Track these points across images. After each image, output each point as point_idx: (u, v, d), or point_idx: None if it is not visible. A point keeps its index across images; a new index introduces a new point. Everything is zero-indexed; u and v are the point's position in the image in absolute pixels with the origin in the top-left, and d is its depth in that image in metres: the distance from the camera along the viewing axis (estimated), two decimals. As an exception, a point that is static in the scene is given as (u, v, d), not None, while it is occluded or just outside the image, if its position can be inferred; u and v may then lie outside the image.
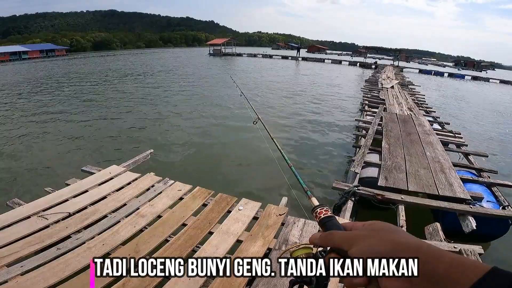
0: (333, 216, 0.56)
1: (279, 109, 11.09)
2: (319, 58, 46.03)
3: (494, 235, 3.54)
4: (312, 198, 0.71)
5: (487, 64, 63.80)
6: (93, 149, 6.83)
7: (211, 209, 3.05)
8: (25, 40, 77.00)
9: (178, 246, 2.46)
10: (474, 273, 0.33)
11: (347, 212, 3.32)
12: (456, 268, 0.34)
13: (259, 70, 26.88)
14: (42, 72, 24.68)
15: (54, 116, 9.68)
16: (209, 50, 49.47)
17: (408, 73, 31.14)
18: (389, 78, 17.32)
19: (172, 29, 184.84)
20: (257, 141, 6.72)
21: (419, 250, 0.39)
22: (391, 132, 6.05)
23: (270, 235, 2.63)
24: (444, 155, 4.95)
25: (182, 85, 16.34)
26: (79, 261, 2.23)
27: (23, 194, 4.50)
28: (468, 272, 0.33)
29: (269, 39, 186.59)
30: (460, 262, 0.35)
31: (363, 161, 4.50)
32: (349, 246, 0.44)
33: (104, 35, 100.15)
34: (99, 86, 16.38)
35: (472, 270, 0.33)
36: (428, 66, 47.83)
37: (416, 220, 3.35)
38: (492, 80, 33.40)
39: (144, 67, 27.58)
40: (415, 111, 8.69)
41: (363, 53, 49.09)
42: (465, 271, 0.34)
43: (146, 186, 3.50)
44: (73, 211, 2.89)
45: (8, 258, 2.22)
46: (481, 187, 4.07)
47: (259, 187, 5.07)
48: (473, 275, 0.33)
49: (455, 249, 2.59)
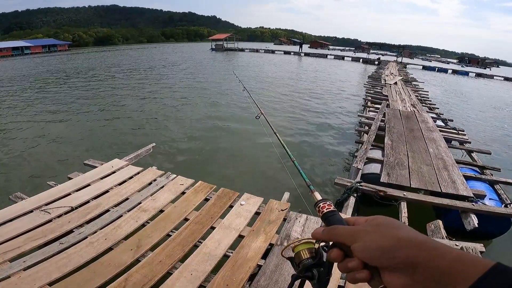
0: (335, 210, 0.55)
1: (281, 104, 11.05)
2: (321, 53, 45.85)
3: (496, 233, 3.52)
4: (314, 192, 0.70)
5: (491, 61, 63.27)
6: (96, 143, 6.85)
7: (213, 203, 3.05)
8: (27, 36, 76.94)
9: (180, 241, 2.46)
10: (477, 269, 0.33)
11: (349, 208, 3.32)
12: (459, 264, 0.34)
13: (261, 65, 26.78)
14: (44, 67, 24.68)
15: (57, 110, 9.71)
16: (211, 45, 49.31)
17: (412, 69, 30.94)
18: (392, 74, 17.20)
19: (174, 24, 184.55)
20: (259, 136, 6.71)
21: (422, 246, 0.39)
22: (394, 129, 6.02)
23: (272, 231, 2.63)
24: (447, 152, 4.92)
25: (184, 80, 16.31)
26: (82, 256, 2.24)
27: (26, 188, 4.52)
28: (471, 268, 0.33)
29: (271, 35, 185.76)
30: (463, 258, 0.35)
31: (365, 157, 4.48)
32: (351, 241, 0.44)
33: (106, 30, 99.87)
34: (102, 81, 16.36)
35: (475, 266, 0.33)
36: (432, 63, 47.52)
37: (418, 217, 3.34)
38: (496, 77, 33.15)
39: (146, 62, 27.52)
40: (418, 107, 8.64)
41: (366, 49, 48.81)
42: (468, 267, 0.34)
43: (148, 180, 3.50)
44: (75, 205, 2.90)
45: (10, 253, 2.22)
46: (483, 185, 4.05)
47: (262, 182, 5.07)
48: (476, 271, 0.33)
49: (457, 246, 2.58)
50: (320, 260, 0.52)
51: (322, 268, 0.52)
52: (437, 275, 0.35)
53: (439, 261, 0.36)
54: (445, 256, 0.36)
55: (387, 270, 0.40)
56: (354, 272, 0.43)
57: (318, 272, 0.52)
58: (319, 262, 0.52)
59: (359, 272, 0.43)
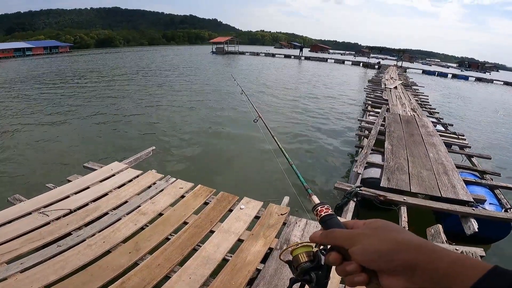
0: (334, 214, 0.55)
1: (281, 108, 11.06)
2: (322, 57, 45.93)
3: (496, 237, 3.51)
4: (312, 196, 0.70)
5: (491, 66, 63.51)
6: (95, 146, 6.84)
7: (212, 207, 3.04)
8: (29, 37, 77.21)
9: (179, 245, 2.45)
10: (476, 271, 0.33)
11: (348, 213, 3.31)
12: (458, 267, 0.35)
13: (261, 69, 26.84)
14: (43, 68, 24.73)
15: (57, 112, 9.71)
16: (212, 48, 49.44)
17: (412, 73, 31.02)
18: (392, 79, 17.24)
19: (175, 27, 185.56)
20: (258, 140, 6.70)
21: (420, 249, 0.39)
22: (394, 133, 6.02)
23: (272, 235, 2.62)
24: (447, 157, 4.92)
25: (185, 84, 16.33)
26: (79, 259, 2.23)
27: (24, 190, 4.50)
28: (470, 270, 0.34)
29: (272, 38, 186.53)
30: (462, 261, 0.35)
31: (365, 161, 4.47)
32: (350, 245, 0.44)
33: (108, 32, 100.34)
34: (102, 83, 16.39)
35: (473, 269, 0.33)
36: (432, 67, 47.74)
37: (418, 222, 3.34)
38: (496, 82, 33.22)
39: (146, 65, 27.58)
40: (418, 112, 8.64)
41: (366, 53, 49.01)
42: (466, 269, 0.34)
43: (147, 183, 3.50)
44: (74, 208, 2.89)
45: (8, 255, 2.21)
46: (484, 190, 4.04)
47: (261, 185, 5.06)
48: (475, 273, 0.33)
49: (457, 251, 2.57)
50: (318, 263, 0.52)
51: (320, 272, 0.52)
52: (435, 278, 0.35)
53: (438, 263, 0.36)
54: (443, 258, 0.36)
55: (386, 273, 0.40)
56: (352, 276, 0.43)
57: (316, 275, 0.52)
58: (317, 265, 0.52)
59: (357, 275, 0.43)
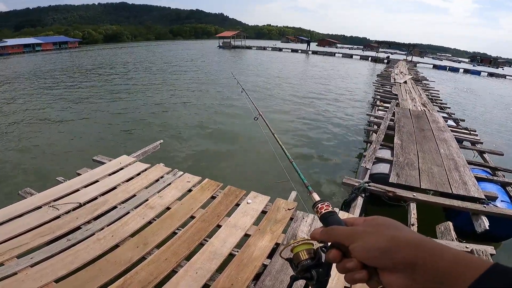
0: (334, 211, 0.56)
1: (290, 102, 10.99)
2: (329, 52, 45.42)
3: (507, 235, 3.44)
4: (313, 193, 0.71)
5: (504, 61, 61.95)
6: (104, 139, 6.93)
7: (219, 201, 3.03)
8: (38, 33, 78.17)
9: (186, 239, 2.46)
10: (476, 269, 0.33)
11: (357, 209, 3.27)
12: (458, 265, 0.35)
13: (268, 63, 26.68)
14: (53, 64, 25.01)
15: (66, 106, 9.85)
16: (219, 42, 49.39)
17: (422, 68, 30.44)
18: (402, 73, 16.95)
19: (181, 22, 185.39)
20: (264, 136, 6.66)
21: (421, 246, 0.39)
22: (403, 128, 5.92)
23: (279, 230, 2.60)
24: (459, 153, 4.82)
25: (192, 79, 16.35)
26: (88, 253, 2.25)
27: (35, 183, 4.58)
28: (470, 268, 0.34)
29: (278, 33, 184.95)
30: (462, 259, 0.35)
31: (374, 156, 4.41)
32: (350, 242, 0.44)
33: (115, 28, 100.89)
34: (111, 78, 16.52)
35: (473, 267, 0.33)
36: (443, 62, 46.74)
37: (427, 219, 3.28)
38: (509, 77, 32.40)
39: (155, 60, 27.67)
40: (429, 107, 8.48)
41: (375, 47, 48.23)
42: (467, 267, 0.34)
43: (155, 177, 3.51)
44: (83, 202, 2.92)
45: (18, 249, 2.24)
46: (495, 186, 3.95)
47: (268, 180, 5.04)
48: (475, 271, 0.33)
49: (467, 249, 2.52)
50: (318, 261, 0.52)
51: (320, 269, 0.52)
52: (436, 275, 0.35)
53: (438, 261, 0.36)
54: (444, 256, 0.36)
55: (386, 271, 0.40)
56: (353, 273, 0.43)
57: (317, 273, 0.52)
58: (318, 263, 0.52)
59: (358, 272, 0.43)
